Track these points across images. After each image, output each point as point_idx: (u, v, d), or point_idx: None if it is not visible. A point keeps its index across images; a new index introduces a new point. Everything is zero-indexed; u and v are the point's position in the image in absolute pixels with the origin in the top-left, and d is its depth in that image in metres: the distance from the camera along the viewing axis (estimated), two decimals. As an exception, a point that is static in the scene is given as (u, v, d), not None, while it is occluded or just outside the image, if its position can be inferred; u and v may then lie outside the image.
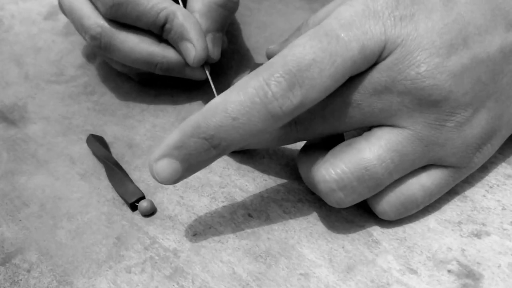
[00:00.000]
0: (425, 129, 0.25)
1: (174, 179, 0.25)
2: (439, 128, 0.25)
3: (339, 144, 0.26)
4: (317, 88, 0.23)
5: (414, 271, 0.25)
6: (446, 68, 0.24)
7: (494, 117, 0.26)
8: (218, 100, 0.24)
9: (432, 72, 0.24)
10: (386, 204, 0.26)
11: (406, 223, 0.27)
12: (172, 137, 0.25)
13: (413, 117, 0.25)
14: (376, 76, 0.25)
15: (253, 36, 0.42)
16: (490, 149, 0.27)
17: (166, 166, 0.25)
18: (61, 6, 0.37)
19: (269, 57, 0.36)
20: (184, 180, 0.31)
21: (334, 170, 0.25)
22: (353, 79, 0.25)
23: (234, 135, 0.24)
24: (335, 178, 0.25)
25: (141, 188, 0.31)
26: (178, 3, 0.35)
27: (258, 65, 0.26)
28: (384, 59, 0.24)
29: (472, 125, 0.25)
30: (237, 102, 0.24)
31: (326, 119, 0.26)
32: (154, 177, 0.25)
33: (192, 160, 0.25)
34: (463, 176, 0.27)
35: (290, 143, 0.28)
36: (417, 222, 0.27)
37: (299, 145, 0.32)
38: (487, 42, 0.25)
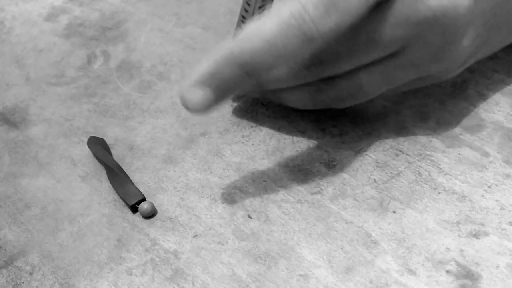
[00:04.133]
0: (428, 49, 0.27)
1: (206, 107, 0.25)
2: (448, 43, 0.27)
3: None
4: (352, 12, 0.24)
5: (412, 272, 0.25)
6: None
7: (481, 43, 0.29)
8: (252, 26, 0.24)
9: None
10: None
11: (405, 223, 0.27)
12: (204, 66, 0.25)
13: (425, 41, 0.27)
14: (397, 8, 0.26)
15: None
16: (462, 69, 0.30)
17: (198, 94, 0.25)
18: None
19: None
20: (184, 181, 0.31)
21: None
22: (375, 11, 0.26)
23: (268, 60, 0.24)
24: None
25: (141, 190, 0.31)
26: None
27: None
28: None
29: (468, 45, 0.28)
30: (274, 25, 0.24)
31: (349, 52, 0.27)
32: (185, 106, 0.25)
33: (224, 87, 0.25)
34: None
35: (319, 99, 0.31)
36: (415, 222, 0.27)
37: (299, 144, 0.32)
38: None
